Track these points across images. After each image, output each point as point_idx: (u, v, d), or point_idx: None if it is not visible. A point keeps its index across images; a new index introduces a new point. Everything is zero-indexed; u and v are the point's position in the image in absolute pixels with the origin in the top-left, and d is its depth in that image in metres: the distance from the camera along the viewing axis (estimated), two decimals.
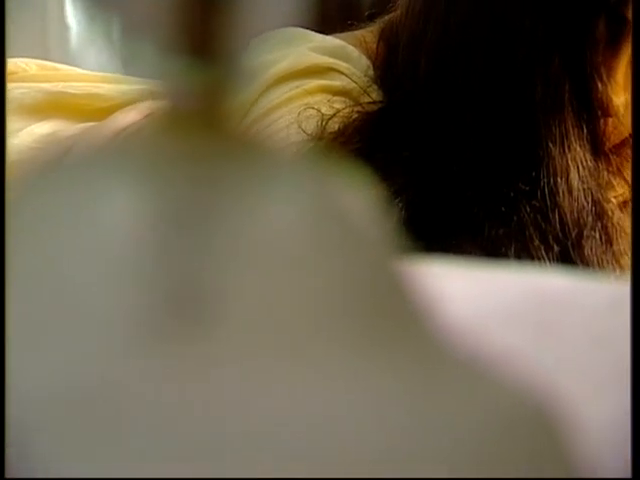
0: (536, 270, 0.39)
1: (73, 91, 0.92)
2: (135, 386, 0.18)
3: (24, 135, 0.89)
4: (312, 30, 0.90)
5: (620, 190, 0.81)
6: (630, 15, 0.77)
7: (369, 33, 0.89)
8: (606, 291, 0.37)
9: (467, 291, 0.36)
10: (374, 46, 0.87)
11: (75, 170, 0.19)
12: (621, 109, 0.78)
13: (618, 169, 0.81)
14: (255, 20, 0.20)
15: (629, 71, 0.79)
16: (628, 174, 0.82)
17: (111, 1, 0.18)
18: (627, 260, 0.76)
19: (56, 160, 0.21)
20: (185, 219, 0.18)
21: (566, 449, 0.22)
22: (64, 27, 1.13)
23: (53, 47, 1.12)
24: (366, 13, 0.93)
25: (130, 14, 0.18)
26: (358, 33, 0.90)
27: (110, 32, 0.19)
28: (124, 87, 0.89)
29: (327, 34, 0.94)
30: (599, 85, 0.76)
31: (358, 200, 0.22)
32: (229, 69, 0.20)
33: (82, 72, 0.99)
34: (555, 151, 0.75)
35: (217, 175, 0.19)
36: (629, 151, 0.82)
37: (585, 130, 0.76)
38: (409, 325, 0.21)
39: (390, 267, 0.21)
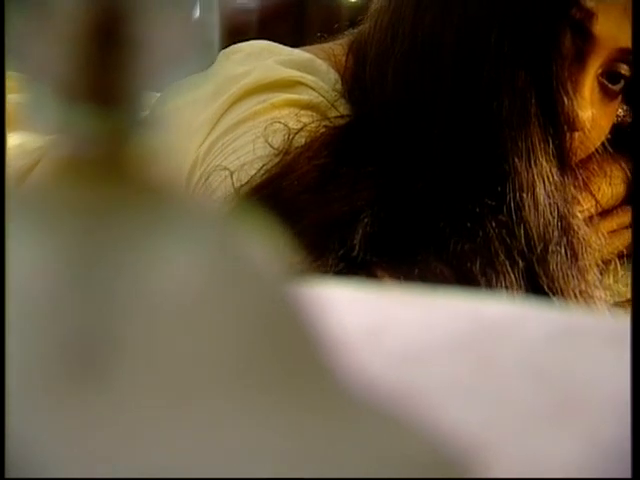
0: (479, 297, 0.39)
1: None
2: (32, 437, 0.18)
3: None
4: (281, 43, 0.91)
5: (586, 204, 0.81)
6: (596, 30, 0.77)
7: (338, 46, 0.89)
8: (550, 320, 0.37)
9: (409, 319, 0.36)
10: (343, 59, 0.87)
11: None
12: (587, 124, 0.78)
13: (585, 183, 0.82)
14: (154, 67, 0.20)
15: (595, 85, 0.80)
16: (595, 188, 0.82)
17: (9, 50, 0.18)
18: (593, 275, 0.77)
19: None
20: (82, 269, 0.18)
21: None
22: None
23: None
24: (335, 25, 0.93)
25: (28, 63, 0.18)
26: (327, 46, 0.90)
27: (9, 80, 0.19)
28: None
29: (296, 46, 0.94)
30: (565, 100, 0.76)
31: (262, 250, 0.22)
32: (130, 116, 0.20)
33: None
34: (521, 166, 0.75)
35: (115, 224, 0.19)
36: (595, 166, 0.83)
37: (551, 145, 0.76)
38: (310, 371, 0.21)
39: (291, 317, 0.21)
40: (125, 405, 0.18)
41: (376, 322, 0.35)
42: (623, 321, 0.38)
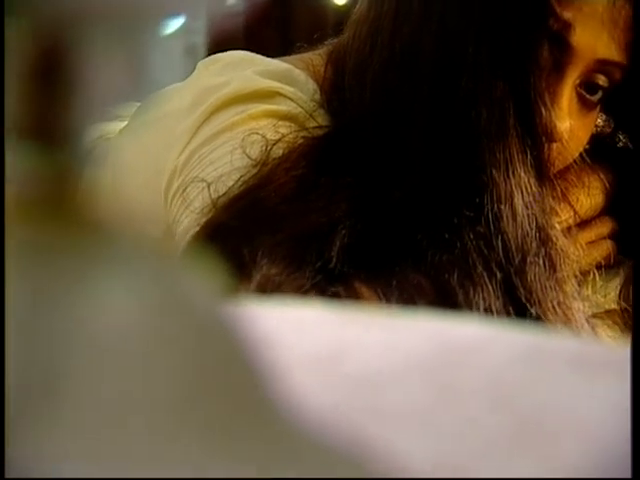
0: (445, 317, 0.38)
1: None
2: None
3: None
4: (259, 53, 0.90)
5: (565, 215, 0.81)
6: (573, 41, 0.77)
7: (317, 56, 0.89)
8: (515, 342, 0.37)
9: (371, 342, 0.36)
10: (322, 69, 0.87)
11: None
12: (565, 135, 0.78)
13: (563, 194, 0.82)
14: (98, 102, 0.20)
15: (573, 96, 0.80)
16: (573, 199, 0.82)
17: None
18: (571, 287, 0.77)
19: None
20: (18, 308, 0.18)
21: None
22: None
23: None
24: (315, 35, 0.93)
25: None
26: (306, 56, 0.90)
27: None
28: None
29: (283, 51, 0.94)
30: (543, 111, 0.76)
31: (203, 284, 0.21)
32: (74, 154, 0.20)
33: None
34: (499, 177, 0.75)
35: (58, 263, 0.19)
36: (574, 176, 0.83)
37: (529, 156, 0.76)
38: (251, 405, 0.21)
39: (232, 350, 0.21)
40: (68, 443, 0.17)
41: (338, 346, 0.35)
42: (588, 343, 0.38)
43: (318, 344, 0.36)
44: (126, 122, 0.98)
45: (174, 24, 0.25)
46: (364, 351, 0.35)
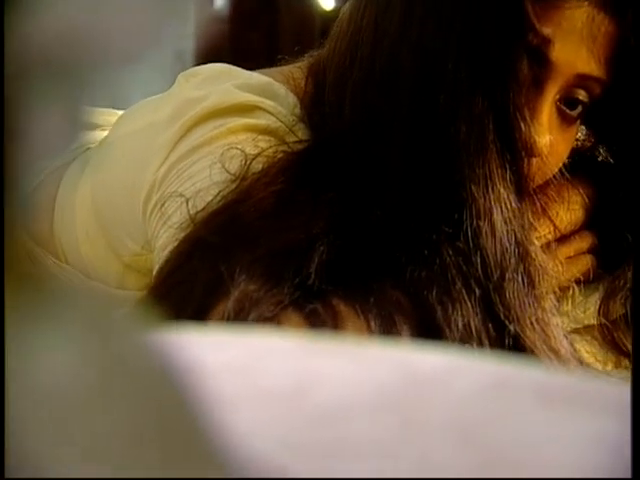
0: (410, 348, 0.38)
1: None
2: None
3: None
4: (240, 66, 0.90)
5: (544, 231, 0.81)
6: (553, 56, 0.77)
7: (298, 69, 0.89)
8: (481, 374, 0.37)
9: (335, 375, 0.36)
10: (302, 83, 0.87)
11: None
12: (545, 150, 0.78)
13: (543, 209, 0.81)
14: (34, 155, 0.19)
15: (553, 111, 0.79)
16: (553, 214, 0.82)
17: None
18: (549, 302, 0.76)
19: None
20: None
21: None
22: None
23: None
24: (295, 48, 0.92)
25: None
26: (286, 69, 0.90)
27: None
28: None
29: (271, 55, 0.94)
30: (522, 126, 0.76)
31: (146, 344, 0.21)
32: (11, 206, 0.20)
33: None
34: (478, 192, 0.75)
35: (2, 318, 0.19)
36: (554, 191, 0.82)
37: (509, 171, 0.76)
38: (200, 455, 0.20)
39: (177, 400, 0.21)
40: None
41: (302, 377, 0.35)
42: (555, 376, 0.38)
43: (282, 375, 0.36)
44: (106, 132, 0.98)
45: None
46: (328, 383, 0.35)
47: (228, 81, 0.85)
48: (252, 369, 0.36)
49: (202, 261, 0.73)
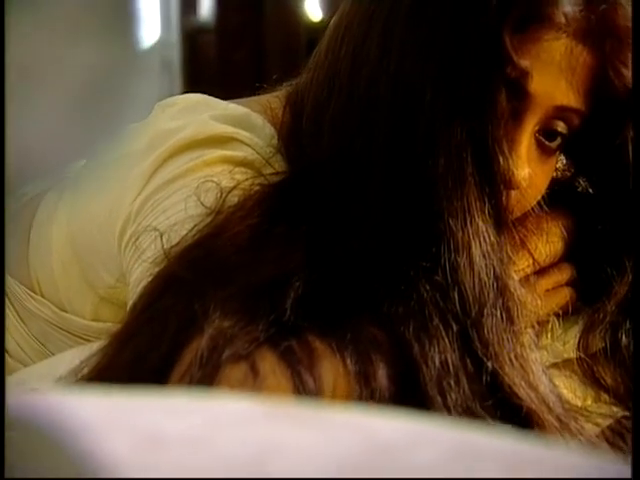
0: (375, 414, 0.37)
1: None
2: None
3: None
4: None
5: (523, 264, 0.80)
6: (531, 88, 0.76)
7: (275, 99, 0.88)
8: (445, 442, 0.36)
9: (295, 445, 0.35)
10: (280, 112, 0.86)
11: None
12: (524, 182, 0.77)
13: (521, 242, 0.81)
14: None
15: (532, 143, 0.79)
16: (532, 247, 0.81)
17: None
18: (528, 338, 0.76)
19: None
20: None
21: None
22: None
23: None
24: (274, 76, 0.91)
25: None
26: (264, 98, 0.89)
27: None
28: None
29: (256, 66, 0.93)
30: (501, 159, 0.75)
31: None
32: None
33: None
34: (456, 226, 0.74)
35: None
36: (533, 223, 0.82)
37: (487, 204, 0.75)
38: None
39: None
40: None
41: (262, 449, 0.34)
42: (519, 442, 0.37)
43: (242, 445, 0.35)
44: (84, 161, 0.97)
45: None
46: (289, 453, 0.34)
47: (205, 112, 0.84)
48: (211, 438, 0.35)
49: (176, 297, 0.72)
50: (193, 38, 3.64)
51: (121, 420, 0.36)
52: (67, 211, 0.90)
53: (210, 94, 0.90)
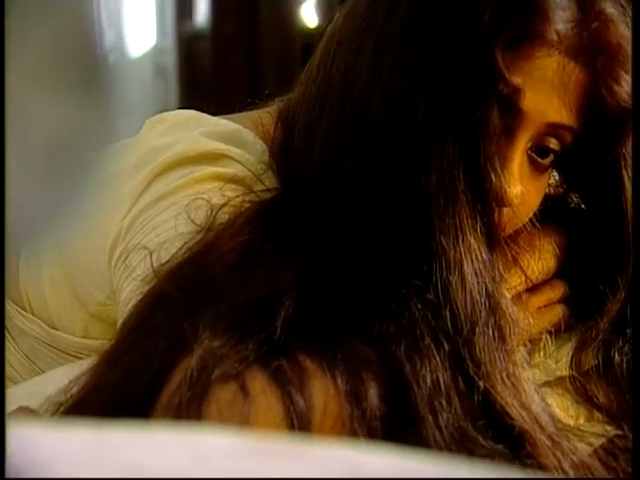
0: (362, 448, 0.37)
1: None
2: None
3: None
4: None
5: (515, 281, 0.80)
6: (524, 105, 0.76)
7: (267, 114, 0.88)
8: (431, 475, 0.35)
9: (286, 475, 0.34)
10: (271, 128, 0.85)
11: None
12: (516, 200, 0.77)
13: (514, 259, 0.80)
14: None
15: (524, 160, 0.78)
16: (524, 264, 0.81)
17: None
18: (520, 356, 0.75)
19: None
20: None
21: None
22: None
23: None
24: (266, 91, 0.91)
25: None
26: (256, 114, 0.88)
27: None
28: None
29: (252, 74, 0.93)
30: (493, 176, 0.75)
31: None
32: None
33: None
34: (448, 244, 0.74)
35: None
36: (525, 240, 0.81)
37: (479, 221, 0.75)
38: None
39: None
40: None
41: None
42: (502, 472, 0.37)
43: (224, 479, 0.34)
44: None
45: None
46: None
47: (195, 128, 0.84)
48: (197, 474, 0.35)
49: (165, 316, 0.72)
50: (188, 44, 3.64)
51: (104, 455, 0.36)
52: (56, 227, 0.90)
53: (205, 100, 0.90)
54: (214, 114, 0.89)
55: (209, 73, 3.51)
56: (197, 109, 0.90)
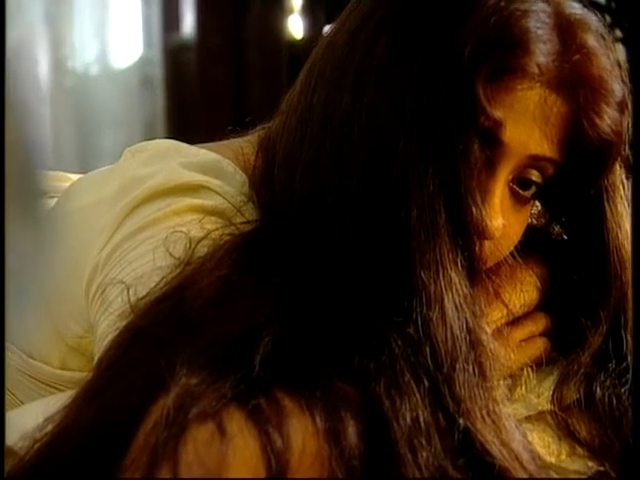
0: None
1: None
2: None
3: None
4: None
5: (496, 315, 0.79)
6: (505, 137, 0.75)
7: (248, 143, 0.87)
8: None
9: None
10: (252, 158, 0.85)
11: None
12: (497, 233, 0.76)
13: (495, 292, 0.79)
14: None
15: (506, 192, 0.78)
16: (506, 297, 0.80)
17: None
18: (501, 392, 0.74)
19: None
20: None
21: None
22: None
23: None
24: (247, 119, 0.90)
25: None
26: (236, 143, 0.87)
27: None
28: None
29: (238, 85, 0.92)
30: (474, 209, 0.74)
31: None
32: None
33: None
34: (429, 278, 0.73)
35: None
36: (506, 273, 0.80)
37: (460, 255, 0.74)
38: None
39: None
40: None
41: None
42: None
43: None
44: (54, 202, 0.95)
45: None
46: None
47: (175, 158, 0.83)
48: None
49: (142, 353, 0.71)
50: (175, 56, 3.63)
51: None
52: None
53: (192, 111, 0.89)
54: (200, 125, 0.88)
55: (196, 84, 3.50)
56: (184, 120, 0.89)
